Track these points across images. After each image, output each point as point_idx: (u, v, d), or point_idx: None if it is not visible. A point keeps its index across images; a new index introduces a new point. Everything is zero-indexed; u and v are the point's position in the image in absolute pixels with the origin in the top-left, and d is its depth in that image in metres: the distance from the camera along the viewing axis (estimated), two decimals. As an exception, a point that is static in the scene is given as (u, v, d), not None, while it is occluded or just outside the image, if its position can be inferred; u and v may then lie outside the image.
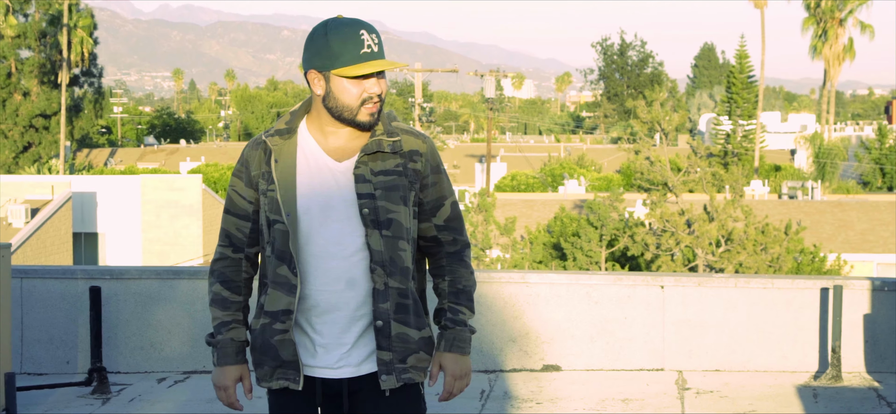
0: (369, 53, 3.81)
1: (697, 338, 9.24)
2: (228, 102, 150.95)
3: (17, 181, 46.77)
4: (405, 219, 3.90)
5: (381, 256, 3.85)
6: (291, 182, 3.87)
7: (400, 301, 3.89)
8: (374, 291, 3.87)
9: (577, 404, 8.34)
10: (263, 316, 3.94)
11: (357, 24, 3.83)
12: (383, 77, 3.88)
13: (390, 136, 3.92)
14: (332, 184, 3.87)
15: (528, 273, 9.45)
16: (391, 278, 3.87)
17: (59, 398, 8.66)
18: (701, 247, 35.05)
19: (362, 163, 3.87)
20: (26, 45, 79.56)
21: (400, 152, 3.92)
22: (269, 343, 3.92)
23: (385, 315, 3.88)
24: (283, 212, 3.85)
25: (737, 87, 70.59)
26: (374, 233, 3.84)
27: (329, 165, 3.89)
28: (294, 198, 3.86)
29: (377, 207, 3.85)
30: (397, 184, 3.89)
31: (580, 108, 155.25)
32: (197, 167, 74.89)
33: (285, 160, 3.89)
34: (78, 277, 9.48)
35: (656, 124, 41.41)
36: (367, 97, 3.83)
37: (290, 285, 3.87)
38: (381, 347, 3.89)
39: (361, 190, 3.85)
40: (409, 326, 3.91)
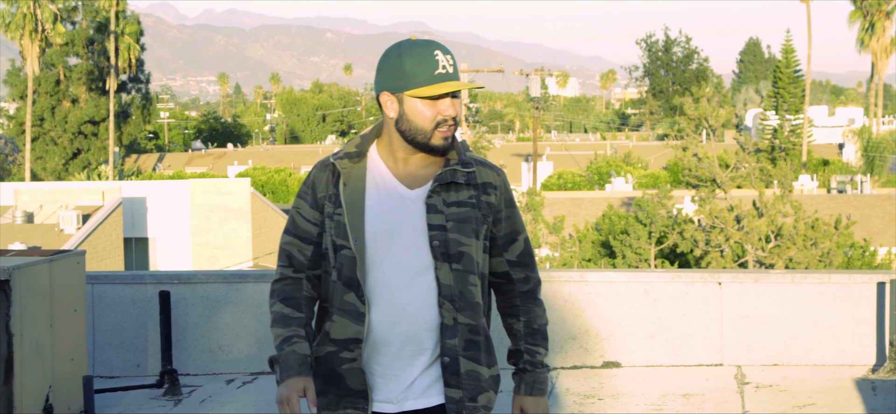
0: (444, 74, 3.70)
1: (755, 333, 9.37)
2: (274, 106, 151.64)
3: (68, 188, 47.21)
4: (476, 253, 3.76)
5: (450, 291, 3.71)
6: (360, 207, 3.73)
7: (470, 337, 3.76)
8: (441, 326, 3.72)
9: (639, 400, 8.49)
10: (329, 344, 3.80)
11: (431, 45, 3.73)
12: (458, 99, 3.75)
13: (465, 166, 3.78)
14: (401, 212, 3.73)
15: (587, 272, 9.61)
16: (460, 314, 3.73)
17: (133, 400, 8.90)
18: (750, 243, 35.02)
19: (435, 192, 3.73)
20: (74, 52, 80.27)
21: (474, 184, 3.79)
22: (335, 372, 3.78)
23: (453, 351, 3.73)
24: (350, 237, 3.71)
25: (783, 82, 70.27)
26: (444, 266, 3.71)
27: (400, 192, 3.75)
28: (362, 223, 3.72)
29: (448, 239, 3.71)
30: (470, 216, 3.75)
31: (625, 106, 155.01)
32: (244, 171, 75.33)
33: (354, 184, 3.76)
34: (147, 281, 9.72)
35: (703, 121, 41.41)
36: (441, 120, 3.70)
37: (357, 313, 3.73)
38: (450, 384, 3.75)
39: (433, 221, 3.71)
40: (479, 363, 3.78)
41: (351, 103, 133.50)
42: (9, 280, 7.24)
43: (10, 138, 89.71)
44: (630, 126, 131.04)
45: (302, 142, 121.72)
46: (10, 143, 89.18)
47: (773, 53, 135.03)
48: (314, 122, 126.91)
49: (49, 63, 79.12)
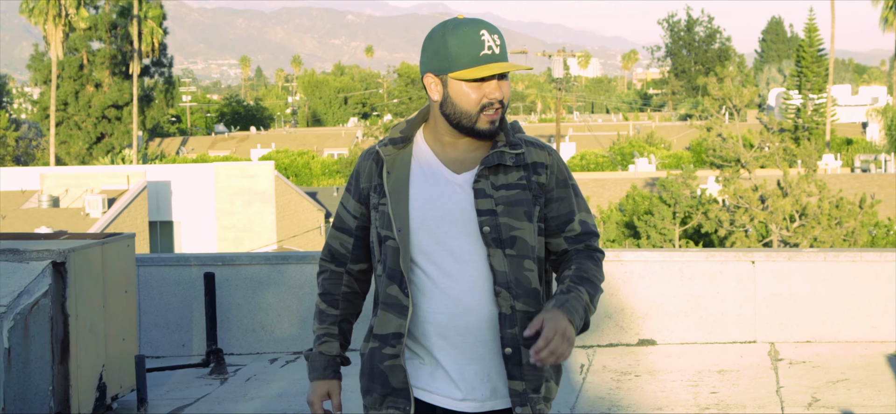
0: (490, 55, 3.51)
1: (788, 310, 9.55)
2: (295, 88, 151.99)
3: (94, 172, 47.49)
4: (530, 236, 3.56)
5: (505, 278, 3.52)
6: (404, 195, 3.56)
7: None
8: (500, 316, 3.52)
9: (675, 376, 8.68)
10: (372, 339, 3.65)
11: (477, 24, 3.54)
12: (507, 80, 3.56)
13: (513, 147, 3.59)
14: (449, 198, 3.56)
15: (623, 251, 9.81)
16: (518, 301, 3.53)
17: (180, 379, 9.13)
18: (775, 222, 35.12)
19: (482, 176, 3.54)
20: (97, 37, 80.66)
21: (523, 165, 3.59)
22: (378, 369, 3.62)
23: (514, 342, 3.52)
24: (394, 226, 3.55)
25: (806, 61, 70.17)
26: (497, 252, 3.52)
27: (447, 177, 3.58)
28: (407, 211, 3.55)
29: (499, 224, 3.52)
30: (521, 199, 3.56)
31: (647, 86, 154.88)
32: (268, 154, 75.64)
33: (398, 171, 3.60)
34: (191, 263, 9.95)
35: (727, 100, 41.48)
36: (486, 103, 3.51)
37: (400, 306, 3.56)
38: (513, 376, 3.54)
39: (482, 206, 3.52)
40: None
41: (373, 86, 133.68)
42: (65, 262, 7.47)
43: (33, 123, 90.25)
44: (652, 106, 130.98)
45: (324, 124, 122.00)
46: (33, 128, 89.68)
47: (795, 32, 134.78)
48: (336, 105, 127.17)
49: (72, 48, 79.54)
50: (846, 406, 7.65)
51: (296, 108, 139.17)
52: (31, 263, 7.46)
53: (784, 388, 8.21)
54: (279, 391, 8.67)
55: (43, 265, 7.42)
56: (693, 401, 7.97)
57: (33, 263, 7.45)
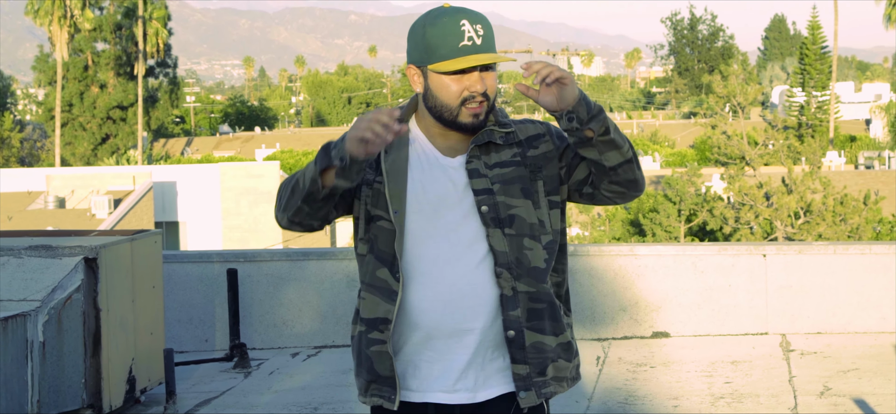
0: (470, 47, 3.38)
1: (799, 302, 9.75)
2: (299, 88, 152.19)
3: (100, 173, 47.70)
4: (528, 214, 3.45)
5: (506, 258, 3.41)
6: (402, 177, 3.46)
7: (532, 306, 3.45)
8: (501, 298, 3.42)
9: (689, 367, 8.89)
10: (360, 323, 3.53)
11: (459, 13, 3.42)
12: (492, 71, 3.45)
13: (502, 127, 3.50)
14: (445, 182, 3.46)
15: (637, 246, 10.02)
16: (519, 281, 3.43)
17: (205, 373, 9.34)
18: (780, 219, 35.35)
19: (474, 156, 3.46)
20: (102, 37, 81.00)
21: (515, 142, 3.50)
22: (365, 354, 3.51)
23: (516, 324, 3.43)
24: (390, 208, 3.43)
25: (810, 58, 70.41)
26: (496, 232, 3.41)
27: (441, 162, 3.49)
28: (404, 194, 3.44)
29: (497, 202, 3.42)
30: (517, 175, 3.46)
31: (650, 84, 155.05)
32: (273, 154, 75.85)
33: (396, 153, 3.49)
34: (213, 260, 10.16)
35: (731, 98, 41.67)
36: (468, 96, 3.40)
37: (389, 291, 3.44)
38: (516, 359, 3.45)
39: (477, 186, 3.43)
40: (544, 332, 3.47)
41: (376, 85, 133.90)
42: (96, 258, 7.67)
43: (38, 124, 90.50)
44: (656, 105, 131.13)
45: (328, 124, 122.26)
46: (38, 129, 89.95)
47: (798, 30, 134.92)
48: (340, 105, 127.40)
49: (77, 49, 79.86)
50: (857, 394, 7.86)
51: (299, 108, 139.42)
52: (63, 259, 7.67)
53: (796, 377, 8.41)
54: (302, 384, 8.88)
55: (75, 261, 7.63)
56: (708, 391, 8.17)
57: (66, 259, 7.66)
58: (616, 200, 3.50)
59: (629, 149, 3.41)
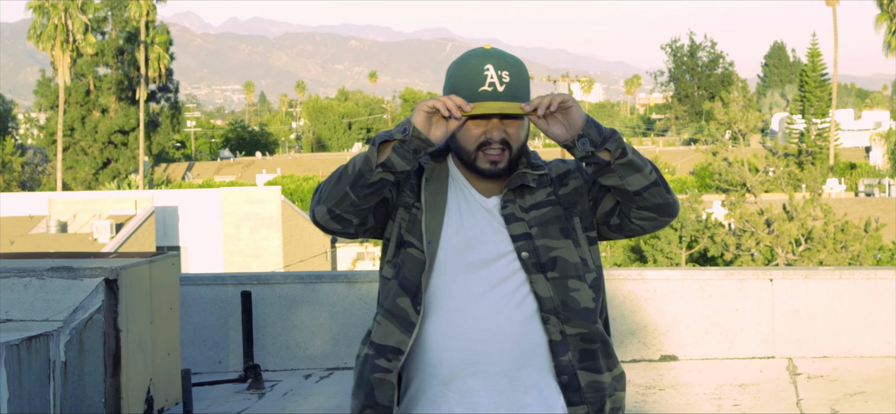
0: (489, 93, 3.28)
1: (805, 327, 9.90)
2: (299, 114, 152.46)
3: (101, 197, 47.75)
4: (571, 254, 3.33)
5: (551, 303, 3.29)
6: (441, 209, 3.36)
7: (584, 347, 3.34)
8: (550, 344, 3.31)
9: (697, 390, 9.02)
10: (369, 346, 3.40)
11: (489, 56, 3.33)
12: (517, 120, 3.32)
13: (535, 169, 3.38)
14: (482, 220, 3.36)
15: (646, 270, 10.17)
16: (568, 325, 3.30)
17: (219, 394, 9.47)
18: (781, 246, 35.49)
19: (509, 201, 3.35)
20: (104, 62, 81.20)
21: (548, 183, 3.40)
22: (366, 378, 3.37)
23: (569, 368, 3.32)
24: (424, 239, 3.32)
25: (810, 86, 70.66)
26: (539, 277, 3.29)
27: (478, 200, 3.38)
28: (440, 227, 3.34)
29: (537, 247, 3.31)
30: (554, 216, 3.36)
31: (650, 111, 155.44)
32: (273, 179, 75.97)
33: (436, 183, 3.40)
34: (227, 282, 10.30)
35: (733, 125, 41.85)
36: (484, 141, 3.31)
37: (407, 321, 3.31)
38: (572, 402, 3.33)
39: (515, 230, 3.32)
40: (599, 371, 3.36)
41: (377, 111, 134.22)
42: (116, 279, 7.81)
43: (39, 148, 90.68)
44: (656, 131, 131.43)
45: (329, 150, 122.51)
46: (39, 154, 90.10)
47: (798, 57, 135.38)
48: (340, 130, 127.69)
49: (79, 73, 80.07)
50: (864, 417, 8.00)
51: (300, 133, 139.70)
52: (84, 280, 7.80)
53: (804, 400, 8.55)
54: (316, 406, 9.00)
55: (96, 282, 7.77)
56: (717, 413, 8.30)
57: (87, 280, 7.80)
58: (647, 228, 3.39)
59: (653, 171, 3.27)
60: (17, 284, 7.79)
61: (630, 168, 3.23)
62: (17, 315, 7.58)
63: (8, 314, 7.58)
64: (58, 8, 75.80)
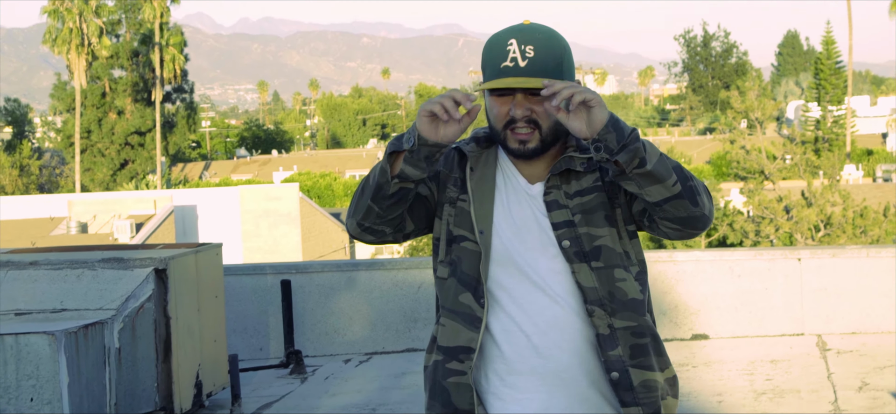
0: (511, 68, 3.13)
1: (834, 304, 10.12)
2: (314, 111, 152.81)
3: (121, 197, 48.06)
4: (615, 242, 3.16)
5: (596, 294, 3.12)
6: (489, 197, 3.20)
7: (635, 342, 3.15)
8: (598, 338, 3.13)
9: (729, 366, 9.24)
10: (437, 351, 3.24)
11: (515, 32, 3.18)
12: (540, 97, 3.14)
13: (583, 152, 3.20)
14: (527, 208, 3.20)
15: (676, 252, 10.40)
16: (616, 317, 3.13)
17: (263, 379, 9.72)
18: (800, 232, 35.62)
19: (553, 187, 3.18)
20: (119, 64, 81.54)
21: (596, 167, 3.22)
22: (440, 385, 3.21)
23: (619, 363, 3.13)
24: (476, 228, 3.17)
25: (825, 74, 70.66)
26: (582, 267, 3.12)
27: (523, 187, 3.22)
28: (491, 215, 3.18)
29: (579, 235, 3.14)
30: (599, 203, 3.17)
31: (664, 102, 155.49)
32: (290, 176, 76.27)
33: (483, 171, 3.24)
34: (267, 272, 10.54)
35: (749, 113, 41.99)
36: (510, 119, 3.16)
37: (473, 317, 3.16)
38: (625, 402, 3.14)
39: (557, 218, 3.16)
40: (652, 369, 3.17)
41: (391, 107, 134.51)
42: (166, 269, 8.06)
43: (56, 151, 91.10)
44: (671, 121, 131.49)
45: (344, 146, 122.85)
46: (56, 156, 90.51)
47: (812, 45, 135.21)
48: (355, 127, 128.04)
49: (95, 76, 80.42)
50: (895, 389, 8.21)
51: (314, 131, 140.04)
52: (135, 270, 8.05)
53: (834, 374, 8.76)
54: (358, 388, 9.24)
55: (146, 272, 8.02)
56: (750, 387, 8.52)
57: (137, 270, 8.05)
58: (672, 236, 3.18)
59: (677, 183, 3.03)
60: (71, 275, 8.05)
61: (649, 179, 3.00)
62: (71, 305, 7.83)
63: (63, 304, 7.84)
64: (72, 12, 76.16)
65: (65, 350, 7.15)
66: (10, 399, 7.12)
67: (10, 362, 7.11)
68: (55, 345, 7.10)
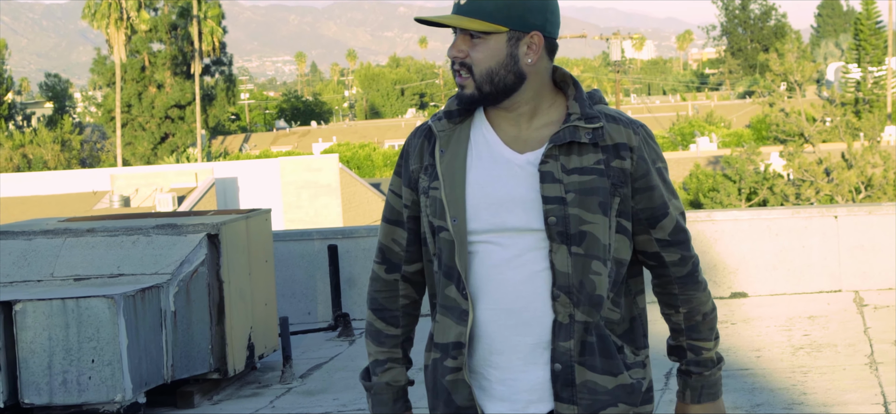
0: (455, 4, 2.98)
1: (870, 261, 10.30)
2: (352, 82, 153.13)
3: (162, 171, 48.46)
4: (603, 233, 2.94)
5: (566, 280, 2.92)
6: (459, 178, 2.97)
7: (587, 338, 2.95)
8: (554, 325, 2.94)
9: (768, 322, 9.44)
10: (434, 349, 3.08)
11: None
12: (475, 38, 2.95)
13: (589, 121, 2.96)
14: (508, 181, 2.96)
15: (714, 211, 10.62)
16: (578, 309, 2.94)
17: (312, 342, 9.99)
18: (841, 194, 35.63)
19: (551, 156, 2.94)
20: (158, 38, 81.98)
21: (602, 145, 2.96)
22: (441, 384, 3.05)
23: (566, 357, 2.94)
24: (448, 216, 2.96)
25: (865, 34, 70.19)
26: (561, 248, 2.91)
27: (506, 156, 2.98)
28: (463, 198, 2.97)
29: (568, 215, 2.91)
30: (596, 186, 2.93)
31: (703, 66, 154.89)
32: (329, 147, 76.52)
33: (454, 150, 3.01)
34: (314, 238, 10.81)
35: (788, 76, 41.94)
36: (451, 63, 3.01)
37: (460, 311, 2.98)
38: (561, 398, 2.96)
39: (548, 192, 2.92)
40: (595, 370, 2.96)
41: (429, 76, 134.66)
42: (218, 234, 8.33)
43: (97, 126, 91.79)
44: (710, 86, 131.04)
45: (382, 116, 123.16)
46: (97, 131, 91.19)
47: (851, 6, 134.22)
48: (393, 97, 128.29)
49: (134, 50, 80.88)
50: (930, 341, 8.40)
51: (353, 101, 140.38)
52: (188, 236, 8.33)
53: (871, 328, 8.95)
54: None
55: (199, 237, 8.29)
56: (787, 342, 8.73)
57: (190, 236, 8.32)
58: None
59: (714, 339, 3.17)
60: (126, 241, 8.33)
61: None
62: (128, 270, 8.12)
63: (120, 269, 8.12)
64: (110, -14, 76.69)
65: (124, 313, 7.43)
66: (72, 360, 7.42)
67: (71, 325, 7.40)
68: (115, 308, 7.38)
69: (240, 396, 8.46)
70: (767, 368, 8.04)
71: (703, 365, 3.11)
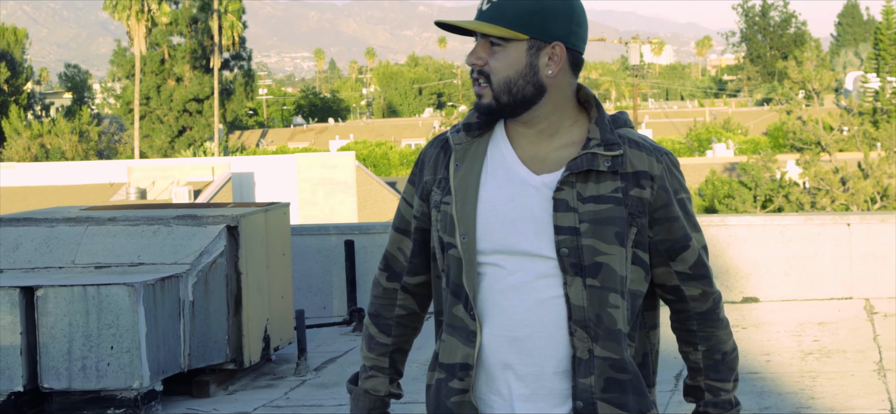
0: (478, 10, 2.90)
1: (882, 269, 10.39)
2: (370, 80, 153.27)
3: (179, 164, 48.61)
4: (619, 264, 2.84)
5: (582, 314, 2.82)
6: (472, 194, 2.88)
7: (611, 375, 2.85)
8: (574, 361, 2.84)
9: (778, 328, 9.54)
10: (438, 369, 2.97)
11: None
12: (495, 46, 2.87)
13: (608, 147, 2.85)
14: (521, 202, 2.86)
15: (727, 216, 10.71)
16: (597, 344, 2.83)
17: (326, 335, 10.11)
18: (856, 204, 35.64)
19: (567, 183, 2.82)
20: (178, 31, 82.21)
21: (621, 172, 2.85)
22: (444, 405, 2.94)
23: (587, 393, 2.84)
24: (458, 233, 2.87)
25: (884, 44, 69.99)
26: (576, 281, 2.82)
27: (521, 176, 2.88)
28: (473, 215, 2.87)
29: (581, 246, 2.81)
30: (613, 215, 2.83)
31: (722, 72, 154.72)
32: (346, 145, 76.63)
33: (469, 165, 2.91)
34: (331, 233, 10.94)
35: (807, 83, 41.94)
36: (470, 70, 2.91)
37: (467, 331, 2.88)
38: None
39: (561, 221, 2.82)
40: (625, 408, 2.86)
41: (448, 76, 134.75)
42: (237, 226, 8.45)
43: (115, 117, 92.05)
44: (728, 92, 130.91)
45: (400, 115, 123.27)
46: (115, 123, 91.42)
47: (872, 15, 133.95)
48: (411, 96, 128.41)
49: (154, 43, 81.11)
50: (939, 349, 8.49)
51: (371, 99, 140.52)
52: (208, 227, 8.45)
53: (881, 336, 9.04)
54: (418, 344, 9.56)
55: (219, 228, 8.42)
56: (797, 347, 8.82)
57: (210, 227, 8.45)
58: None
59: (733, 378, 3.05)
60: (147, 231, 8.46)
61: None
62: (148, 259, 8.25)
63: (140, 258, 8.25)
64: (132, -22, 76.93)
65: (143, 301, 7.56)
66: (91, 347, 7.55)
67: (92, 312, 7.53)
68: (135, 296, 7.51)
69: (255, 387, 8.58)
70: (777, 372, 8.14)
71: (721, 407, 3.00)
